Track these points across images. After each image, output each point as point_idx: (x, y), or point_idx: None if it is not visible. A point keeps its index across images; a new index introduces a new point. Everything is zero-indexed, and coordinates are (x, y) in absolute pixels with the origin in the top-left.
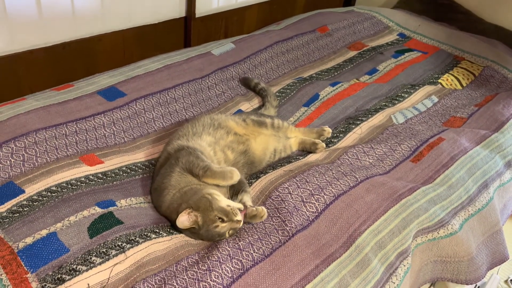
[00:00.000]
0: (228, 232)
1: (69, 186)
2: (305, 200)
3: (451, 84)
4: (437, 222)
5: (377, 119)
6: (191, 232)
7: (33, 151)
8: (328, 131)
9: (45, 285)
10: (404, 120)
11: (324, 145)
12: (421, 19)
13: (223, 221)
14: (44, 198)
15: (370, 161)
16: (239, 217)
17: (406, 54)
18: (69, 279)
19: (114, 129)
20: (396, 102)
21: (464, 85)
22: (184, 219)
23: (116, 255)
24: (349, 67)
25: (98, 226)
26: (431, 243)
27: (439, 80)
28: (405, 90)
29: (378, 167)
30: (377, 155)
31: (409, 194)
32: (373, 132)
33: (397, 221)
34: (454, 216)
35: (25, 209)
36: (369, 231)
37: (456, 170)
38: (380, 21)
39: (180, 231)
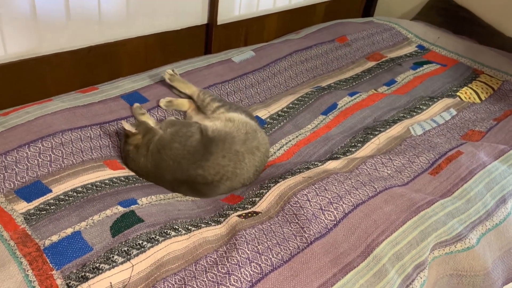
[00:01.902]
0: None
1: (94, 188)
2: (323, 208)
3: (469, 98)
4: (455, 235)
5: (395, 130)
6: None
7: (60, 152)
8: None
9: (69, 282)
10: (422, 132)
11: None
12: (440, 31)
13: None
14: (70, 198)
15: (389, 172)
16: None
17: (425, 66)
18: (92, 277)
19: None
20: (414, 114)
21: (483, 98)
22: None
23: (137, 254)
24: (367, 77)
25: (120, 225)
26: (447, 257)
27: (458, 93)
28: (424, 102)
29: (397, 179)
30: (395, 167)
31: (427, 206)
32: (391, 143)
33: (415, 233)
34: (471, 230)
35: (51, 207)
36: (387, 242)
37: (474, 184)
38: (399, 32)
39: None
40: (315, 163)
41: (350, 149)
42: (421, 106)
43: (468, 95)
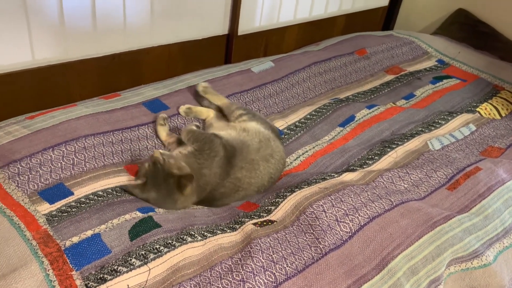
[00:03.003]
0: None
1: (114, 193)
2: (339, 220)
3: (489, 114)
4: (471, 252)
5: (413, 144)
6: None
7: (82, 156)
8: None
9: (88, 283)
10: (441, 146)
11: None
12: (461, 46)
13: None
14: (91, 201)
15: (405, 186)
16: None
17: (445, 80)
18: (111, 279)
19: (156, 142)
20: (433, 128)
21: (503, 115)
22: None
23: (154, 258)
24: (386, 90)
25: (138, 229)
26: (464, 273)
27: (478, 109)
28: (442, 116)
29: (413, 193)
30: (412, 181)
31: (444, 222)
32: (409, 157)
33: (431, 248)
34: (488, 247)
35: (73, 209)
36: (402, 256)
37: (492, 201)
38: (419, 46)
39: None
40: (332, 174)
41: (367, 161)
42: (439, 121)
43: (488, 111)
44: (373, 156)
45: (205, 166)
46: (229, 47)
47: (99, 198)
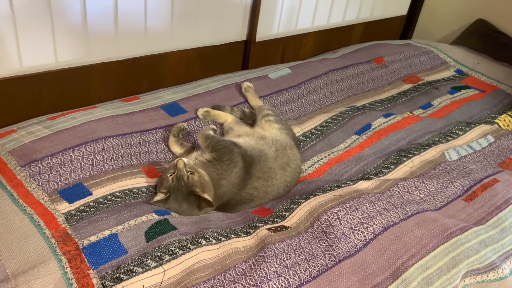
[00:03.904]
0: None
1: (131, 194)
2: (353, 228)
3: (508, 125)
4: (487, 264)
5: (429, 154)
6: None
7: (101, 157)
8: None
9: (105, 282)
10: (458, 157)
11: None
12: (480, 57)
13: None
14: (109, 202)
15: (421, 196)
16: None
17: (463, 91)
18: (127, 279)
19: None
20: (450, 138)
21: None
22: None
23: (169, 260)
24: (403, 99)
25: (154, 231)
26: (479, 285)
27: (496, 120)
28: (460, 127)
29: (429, 203)
30: (428, 191)
31: (460, 233)
32: (425, 166)
33: (447, 259)
34: (505, 260)
35: (91, 209)
36: (417, 266)
37: (509, 213)
38: (438, 56)
39: None
40: (347, 182)
41: (383, 170)
42: (457, 131)
43: (507, 123)
44: (389, 165)
45: (224, 177)
46: (246, 53)
47: (117, 199)
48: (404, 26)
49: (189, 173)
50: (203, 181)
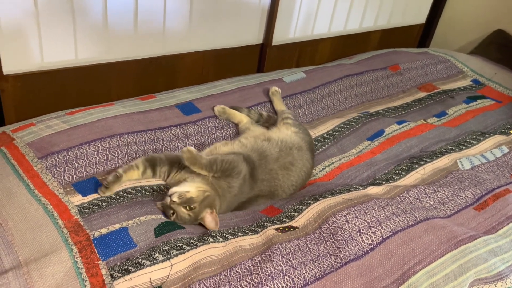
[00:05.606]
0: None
1: (143, 191)
2: (361, 231)
3: None
4: (495, 274)
5: (442, 162)
6: None
7: (116, 152)
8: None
9: (113, 273)
10: (471, 166)
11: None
12: (498, 67)
13: None
14: (121, 198)
15: (431, 203)
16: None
17: (479, 101)
18: (134, 271)
19: (187, 142)
20: (464, 147)
21: None
22: None
23: (177, 255)
24: (417, 107)
25: (163, 228)
26: None
27: (511, 131)
28: (474, 137)
29: (439, 210)
30: (438, 198)
31: (469, 241)
32: (437, 174)
33: (454, 266)
34: None
35: (103, 203)
36: (423, 272)
37: None
38: (454, 65)
39: None
40: (357, 186)
41: (394, 176)
42: (471, 141)
43: None
44: (400, 172)
45: (234, 185)
46: (262, 57)
47: (129, 195)
48: (422, 35)
49: (185, 207)
50: (205, 201)
